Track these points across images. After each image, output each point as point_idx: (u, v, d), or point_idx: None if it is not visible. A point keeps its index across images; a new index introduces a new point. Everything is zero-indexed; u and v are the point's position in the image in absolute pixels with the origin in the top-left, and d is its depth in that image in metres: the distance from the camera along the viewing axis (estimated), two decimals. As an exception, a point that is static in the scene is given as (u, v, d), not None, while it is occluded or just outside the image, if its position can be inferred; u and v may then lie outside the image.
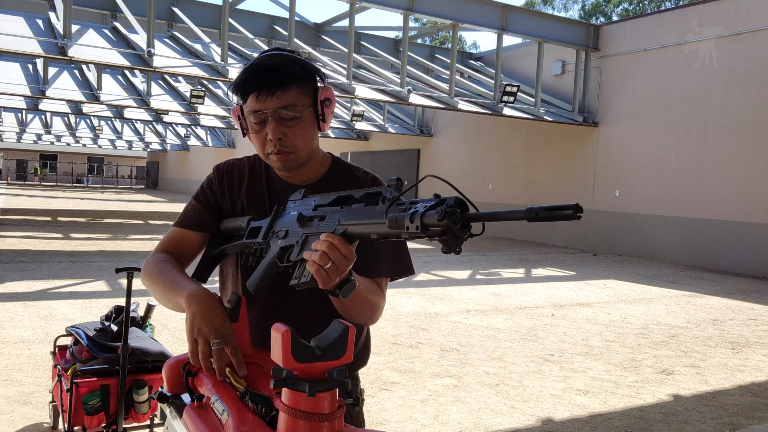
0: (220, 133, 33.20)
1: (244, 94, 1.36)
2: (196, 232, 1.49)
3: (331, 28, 14.78)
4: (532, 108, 13.84)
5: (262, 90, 1.33)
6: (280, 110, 1.33)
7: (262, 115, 1.34)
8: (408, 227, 0.92)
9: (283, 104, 1.33)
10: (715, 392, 4.51)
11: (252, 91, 1.34)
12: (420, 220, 0.90)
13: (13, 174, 50.36)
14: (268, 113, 1.34)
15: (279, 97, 1.33)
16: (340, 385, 0.93)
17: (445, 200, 0.90)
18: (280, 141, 1.35)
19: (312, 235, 1.17)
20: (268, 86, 1.32)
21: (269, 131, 1.35)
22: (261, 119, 1.35)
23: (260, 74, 1.34)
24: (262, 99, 1.33)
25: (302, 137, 1.38)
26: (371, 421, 3.63)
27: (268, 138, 1.36)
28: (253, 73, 1.34)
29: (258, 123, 1.36)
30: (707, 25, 12.30)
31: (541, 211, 0.81)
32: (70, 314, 5.92)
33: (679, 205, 12.60)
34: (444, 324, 6.32)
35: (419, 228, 0.90)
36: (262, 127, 1.36)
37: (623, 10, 36.22)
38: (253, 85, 1.33)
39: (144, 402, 2.94)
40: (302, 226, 1.21)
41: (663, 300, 8.36)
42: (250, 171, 1.52)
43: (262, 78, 1.33)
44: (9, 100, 16.36)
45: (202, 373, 1.26)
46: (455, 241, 0.90)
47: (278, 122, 1.34)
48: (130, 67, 10.99)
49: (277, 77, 1.33)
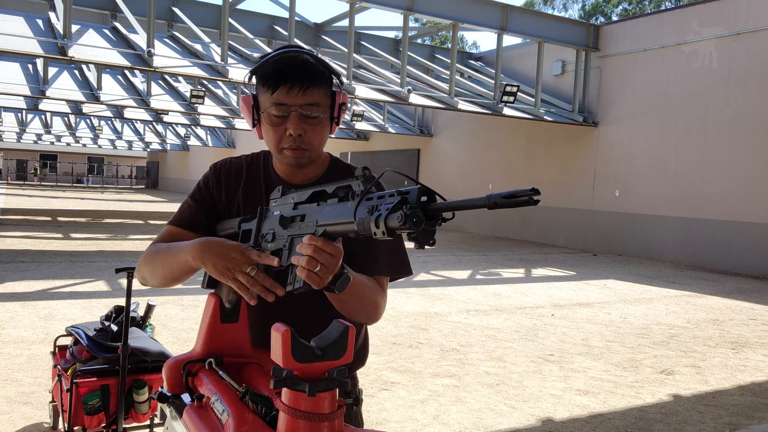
0: (220, 133, 33.19)
1: (272, 85, 1.34)
2: (190, 231, 1.48)
3: (331, 28, 14.78)
4: (532, 108, 13.84)
5: (294, 85, 1.33)
6: (307, 107, 1.34)
7: (288, 109, 1.34)
8: (375, 233, 0.92)
9: (310, 102, 1.34)
10: (715, 392, 4.51)
11: (283, 84, 1.33)
12: (384, 224, 0.90)
13: (13, 174, 50.36)
14: (293, 108, 1.34)
15: (308, 94, 1.34)
16: (340, 385, 0.93)
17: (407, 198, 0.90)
18: (300, 137, 1.36)
19: (296, 236, 1.17)
20: (301, 82, 1.33)
21: (291, 126, 1.35)
22: (284, 113, 1.35)
23: (294, 69, 1.34)
24: (292, 94, 1.33)
25: (319, 136, 1.39)
26: (371, 421, 3.62)
27: (287, 133, 1.36)
28: (286, 66, 1.34)
29: (279, 116, 1.36)
30: (707, 25, 12.30)
31: (499, 199, 0.83)
32: (70, 314, 5.91)
33: (679, 205, 12.60)
34: (444, 324, 6.32)
35: (385, 233, 0.90)
36: (282, 121, 1.36)
37: (623, 10, 36.21)
38: (286, 78, 1.33)
39: (144, 402, 2.94)
40: (285, 228, 1.21)
41: (663, 300, 8.36)
42: (247, 170, 1.52)
43: (295, 73, 1.33)
44: (9, 100, 16.35)
45: (202, 373, 1.26)
46: (425, 236, 0.90)
47: (301, 119, 1.35)
48: (130, 67, 10.99)
49: (309, 75, 1.34)
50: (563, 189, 15.27)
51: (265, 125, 1.39)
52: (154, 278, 1.43)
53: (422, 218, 0.88)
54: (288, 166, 1.44)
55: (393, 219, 0.89)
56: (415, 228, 0.87)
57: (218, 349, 1.29)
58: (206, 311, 1.31)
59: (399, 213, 0.87)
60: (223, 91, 17.84)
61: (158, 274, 1.40)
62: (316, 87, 1.35)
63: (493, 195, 0.83)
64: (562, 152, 15.38)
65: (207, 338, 1.29)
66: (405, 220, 0.86)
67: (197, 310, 6.24)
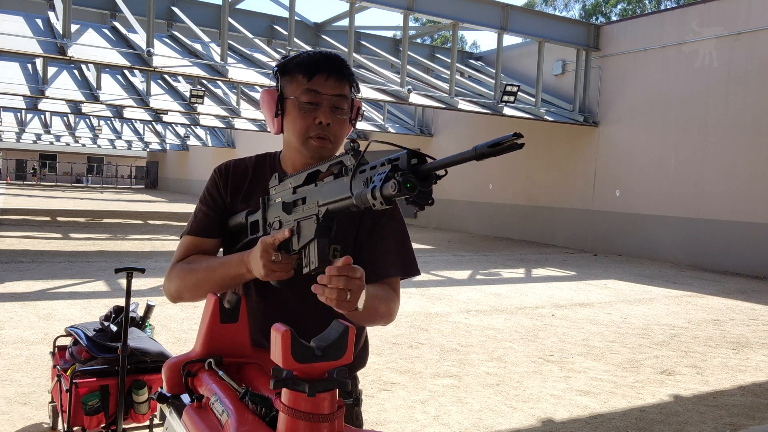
0: (219, 133, 33.19)
1: (309, 71, 1.37)
2: (208, 238, 1.49)
3: (331, 27, 14.77)
4: (532, 108, 13.84)
5: (333, 74, 1.37)
6: (338, 98, 1.38)
7: (320, 97, 1.37)
8: (374, 204, 0.94)
9: (342, 93, 1.38)
10: (716, 392, 4.50)
11: (321, 72, 1.37)
12: (381, 194, 0.92)
13: (13, 174, 50.36)
14: (326, 98, 1.37)
15: (341, 85, 1.38)
16: (340, 386, 0.92)
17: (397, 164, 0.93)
18: (329, 126, 1.38)
19: (302, 219, 1.21)
20: (338, 73, 1.38)
21: (322, 115, 1.37)
22: (316, 101, 1.37)
23: (330, 60, 1.39)
24: (328, 83, 1.37)
25: (343, 130, 1.42)
26: (371, 422, 3.62)
27: (316, 122, 1.37)
28: (323, 57, 1.39)
29: (309, 104, 1.37)
30: (707, 25, 12.30)
31: (485, 149, 0.86)
32: (70, 314, 5.91)
33: (679, 205, 12.60)
34: (444, 324, 6.31)
35: (383, 203, 0.93)
36: (312, 108, 1.38)
37: (622, 9, 36.22)
38: (323, 66, 1.37)
39: (143, 402, 2.94)
40: (289, 213, 1.25)
41: (663, 300, 8.35)
42: (254, 169, 1.52)
43: (333, 64, 1.38)
44: (8, 100, 16.35)
45: (201, 373, 1.26)
46: (422, 198, 0.92)
47: (331, 109, 1.38)
48: (129, 67, 10.99)
49: (344, 69, 1.39)
50: (563, 189, 15.27)
51: (291, 114, 1.39)
52: (193, 297, 1.43)
53: (415, 182, 0.90)
54: (310, 157, 1.42)
55: (387, 188, 0.91)
56: (410, 193, 0.90)
57: (218, 349, 1.29)
58: (206, 311, 1.31)
59: (392, 181, 0.89)
60: (222, 91, 17.84)
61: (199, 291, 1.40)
62: (347, 83, 1.40)
63: (479, 146, 0.86)
64: (563, 152, 15.38)
65: (207, 338, 1.29)
66: (399, 187, 0.89)
67: (197, 311, 6.23)
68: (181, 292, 1.45)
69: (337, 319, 1.00)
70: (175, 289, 1.45)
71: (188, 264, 1.44)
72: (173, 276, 1.45)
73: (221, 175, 1.52)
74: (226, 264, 1.37)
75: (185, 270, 1.43)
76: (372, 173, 0.98)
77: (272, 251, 1.24)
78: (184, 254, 1.48)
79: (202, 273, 1.40)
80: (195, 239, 1.48)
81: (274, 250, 1.24)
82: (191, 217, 1.52)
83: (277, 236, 1.23)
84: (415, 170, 0.92)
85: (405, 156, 0.92)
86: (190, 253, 1.48)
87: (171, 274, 1.46)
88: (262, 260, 1.24)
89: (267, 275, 1.26)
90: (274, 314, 1.43)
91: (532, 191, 16.11)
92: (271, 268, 1.24)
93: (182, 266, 1.44)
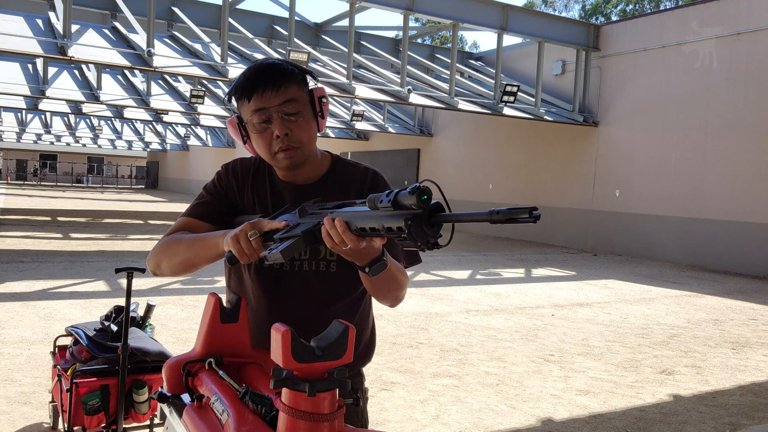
0: (220, 133, 33.17)
1: (247, 94, 1.38)
2: (205, 222, 1.50)
3: (331, 27, 14.77)
4: (532, 108, 13.84)
5: (266, 87, 1.37)
6: (285, 105, 1.37)
7: (267, 112, 1.37)
8: (381, 200, 0.96)
9: (286, 98, 1.37)
10: (716, 392, 4.50)
11: (256, 89, 1.37)
12: (394, 195, 0.94)
13: (13, 174, 50.35)
14: (273, 110, 1.37)
15: (282, 92, 1.37)
16: (340, 386, 0.93)
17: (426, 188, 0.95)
18: (287, 136, 1.39)
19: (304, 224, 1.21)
20: (272, 82, 1.37)
21: (276, 128, 1.38)
22: (265, 117, 1.38)
23: (261, 73, 1.38)
24: (266, 96, 1.37)
25: (306, 132, 1.42)
26: (371, 422, 3.61)
27: (274, 135, 1.39)
28: (255, 73, 1.38)
29: (262, 122, 1.39)
30: (707, 25, 12.30)
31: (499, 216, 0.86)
32: (70, 314, 5.91)
33: (679, 205, 12.60)
34: (444, 324, 6.32)
35: (390, 201, 0.94)
36: (266, 126, 1.39)
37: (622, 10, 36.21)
38: (256, 83, 1.37)
39: (144, 402, 2.94)
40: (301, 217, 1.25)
41: (663, 300, 8.36)
42: (255, 171, 1.55)
43: (264, 77, 1.37)
44: (9, 100, 16.35)
45: (202, 373, 1.26)
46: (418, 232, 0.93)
47: (283, 119, 1.38)
48: (130, 67, 10.98)
49: (278, 74, 1.38)
50: (563, 189, 15.27)
51: (253, 137, 1.42)
52: (170, 265, 1.44)
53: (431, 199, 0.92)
54: (285, 169, 1.46)
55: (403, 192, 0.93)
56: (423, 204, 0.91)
57: (218, 349, 1.29)
58: (206, 311, 1.31)
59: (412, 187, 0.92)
60: (223, 91, 17.81)
61: (177, 259, 1.42)
62: (289, 84, 1.39)
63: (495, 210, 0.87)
64: (562, 152, 15.38)
65: (207, 338, 1.29)
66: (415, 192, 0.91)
67: (197, 310, 6.24)
68: (159, 261, 1.46)
69: (337, 319, 1.00)
70: (156, 260, 1.47)
71: (173, 236, 1.46)
72: (156, 248, 1.47)
73: (227, 172, 1.55)
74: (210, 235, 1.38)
75: (169, 240, 1.45)
76: None
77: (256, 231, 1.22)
78: (176, 231, 1.50)
79: (184, 243, 1.41)
80: (191, 220, 1.51)
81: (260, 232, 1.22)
82: (193, 201, 1.55)
83: (273, 223, 1.23)
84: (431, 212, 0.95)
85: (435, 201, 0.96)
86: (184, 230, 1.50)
87: (155, 247, 1.48)
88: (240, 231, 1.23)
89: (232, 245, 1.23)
90: (275, 314, 1.44)
91: (532, 191, 16.11)
92: (238, 239, 1.22)
93: (167, 238, 1.47)
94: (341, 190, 1.50)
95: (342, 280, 1.48)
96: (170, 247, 1.44)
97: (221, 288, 1.65)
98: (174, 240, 1.44)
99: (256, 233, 1.22)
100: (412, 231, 0.93)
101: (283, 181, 1.51)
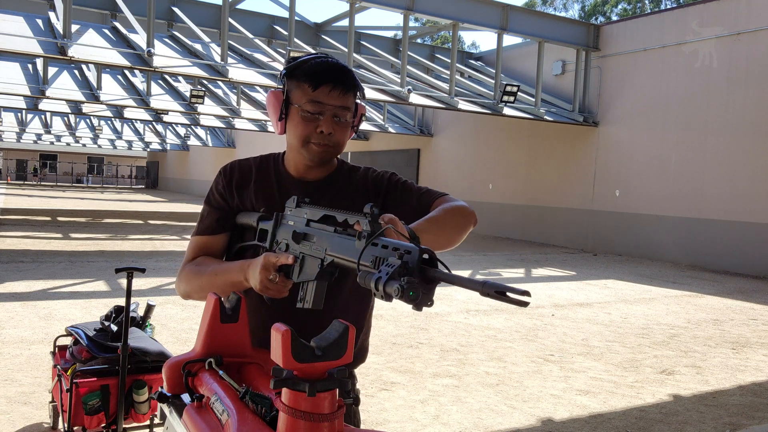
0: (220, 133, 33.19)
1: (315, 81, 1.40)
2: (216, 235, 1.55)
3: (331, 27, 14.78)
4: (532, 108, 13.84)
5: (337, 86, 1.41)
6: (341, 109, 1.42)
7: (323, 107, 1.41)
8: (375, 293, 0.94)
9: (345, 105, 1.43)
10: (716, 392, 4.50)
11: (328, 83, 1.40)
12: (383, 289, 0.92)
13: (13, 174, 50.36)
14: (328, 108, 1.41)
15: (345, 98, 1.42)
16: (340, 385, 0.93)
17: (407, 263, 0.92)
18: (330, 136, 1.43)
19: (307, 255, 1.25)
20: (342, 85, 1.41)
21: (324, 125, 1.42)
22: (319, 111, 1.41)
23: (337, 71, 1.42)
24: (333, 94, 1.41)
25: (344, 136, 1.47)
26: (371, 421, 3.62)
27: (318, 130, 1.42)
28: (330, 68, 1.42)
29: (313, 113, 1.42)
30: (707, 25, 12.30)
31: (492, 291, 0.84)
32: (70, 314, 5.91)
33: (679, 205, 12.60)
34: (444, 324, 6.32)
35: (383, 297, 0.93)
36: (314, 117, 1.42)
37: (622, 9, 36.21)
38: (329, 77, 1.40)
39: (144, 402, 2.94)
40: (297, 243, 1.29)
41: (663, 300, 8.36)
42: (257, 169, 1.56)
43: (339, 75, 1.41)
44: (9, 100, 16.36)
45: (202, 373, 1.26)
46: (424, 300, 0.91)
47: (333, 119, 1.42)
48: (130, 67, 10.99)
49: (349, 80, 1.43)
50: (563, 189, 15.27)
51: (294, 119, 1.44)
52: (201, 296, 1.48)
53: (418, 291, 0.89)
54: (310, 161, 1.49)
55: (391, 287, 0.90)
56: (411, 301, 0.90)
57: (218, 349, 1.29)
58: (206, 311, 1.31)
59: (397, 286, 0.89)
60: (223, 91, 17.83)
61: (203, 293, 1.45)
62: (351, 93, 1.44)
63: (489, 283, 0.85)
64: (563, 152, 15.38)
65: (207, 338, 1.29)
66: (401, 293, 0.88)
67: (197, 310, 6.24)
68: (189, 293, 1.53)
69: (336, 319, 1.00)
70: (184, 290, 1.54)
71: (196, 266, 1.51)
72: (182, 277, 1.53)
73: (226, 175, 1.57)
74: (227, 270, 1.43)
75: (192, 272, 1.51)
76: (383, 254, 0.99)
77: (272, 270, 1.29)
78: (194, 255, 1.55)
79: (206, 277, 1.47)
80: (203, 238, 1.55)
81: (274, 269, 1.29)
82: (198, 218, 1.58)
83: (280, 258, 1.27)
84: (423, 271, 0.92)
85: (416, 253, 0.92)
86: (199, 253, 1.55)
87: (181, 275, 1.54)
88: (260, 276, 1.29)
89: (262, 290, 1.31)
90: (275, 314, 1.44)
91: (532, 191, 16.12)
92: (267, 285, 1.30)
93: (190, 268, 1.52)
94: (347, 189, 1.54)
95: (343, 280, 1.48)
96: (194, 279, 1.50)
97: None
98: (194, 273, 1.50)
99: (275, 276, 1.29)
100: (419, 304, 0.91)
101: (292, 177, 1.53)
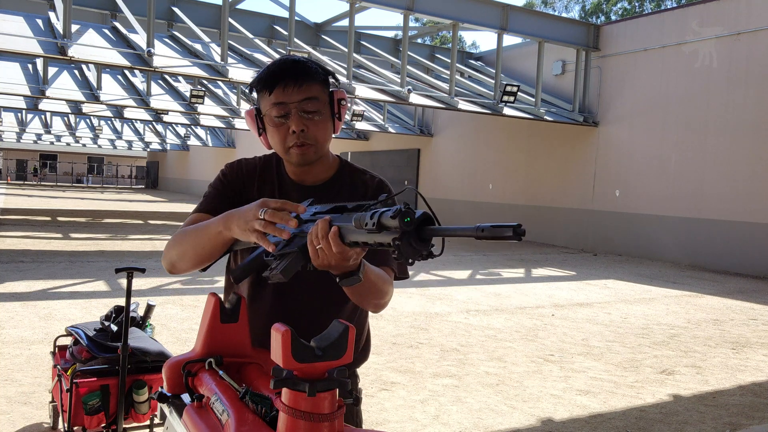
0: (220, 133, 33.19)
1: (269, 86, 1.39)
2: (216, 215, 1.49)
3: (331, 27, 14.78)
4: (532, 108, 13.84)
5: (288, 82, 1.38)
6: (305, 102, 1.39)
7: (287, 107, 1.39)
8: (366, 223, 0.95)
9: (308, 96, 1.39)
10: (716, 392, 4.50)
11: (279, 83, 1.38)
12: (378, 217, 0.93)
13: (13, 174, 50.36)
14: (292, 105, 1.39)
15: (304, 89, 1.39)
16: (340, 385, 0.93)
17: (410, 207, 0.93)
18: (303, 133, 1.40)
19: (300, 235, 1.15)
20: (295, 78, 1.38)
21: (293, 123, 1.39)
22: (284, 112, 1.39)
23: (286, 68, 1.40)
24: (288, 91, 1.38)
25: (322, 132, 1.43)
26: (371, 421, 3.62)
27: (290, 131, 1.40)
28: (279, 67, 1.40)
29: (280, 116, 1.40)
30: (707, 25, 12.30)
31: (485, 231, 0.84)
32: (70, 314, 5.91)
33: (680, 205, 12.60)
34: (444, 324, 6.32)
35: (375, 225, 0.93)
36: (283, 120, 1.40)
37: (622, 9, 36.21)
38: (279, 77, 1.39)
39: (144, 402, 2.94)
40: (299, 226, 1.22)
41: (663, 300, 8.36)
42: (261, 170, 1.55)
43: (288, 71, 1.39)
44: (9, 100, 16.36)
45: (202, 373, 1.26)
46: (408, 249, 0.91)
47: (301, 115, 1.39)
48: (130, 67, 10.99)
49: (303, 71, 1.40)
50: (563, 189, 15.27)
51: (269, 129, 1.44)
52: (183, 260, 1.41)
53: (414, 221, 0.89)
54: (296, 165, 1.47)
55: (387, 214, 0.91)
56: (405, 227, 0.89)
57: (218, 349, 1.29)
58: (206, 311, 1.31)
59: (395, 209, 0.90)
60: (223, 91, 17.84)
61: (189, 253, 1.39)
62: (312, 82, 1.40)
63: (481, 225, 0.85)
64: (562, 152, 15.38)
65: (207, 338, 1.29)
66: (398, 215, 0.89)
67: (197, 310, 6.24)
68: (171, 259, 1.43)
69: (337, 318, 1.00)
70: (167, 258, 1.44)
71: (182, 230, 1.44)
72: (169, 244, 1.45)
73: (232, 170, 1.55)
74: (204, 226, 1.35)
75: (180, 235, 1.43)
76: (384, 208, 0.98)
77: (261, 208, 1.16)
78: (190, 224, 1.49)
79: (189, 237, 1.38)
80: (202, 215, 1.49)
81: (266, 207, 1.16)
82: (202, 198, 1.53)
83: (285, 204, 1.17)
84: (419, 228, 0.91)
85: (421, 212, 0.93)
86: None
87: (169, 243, 1.46)
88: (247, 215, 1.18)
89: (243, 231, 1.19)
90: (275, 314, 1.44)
91: (532, 191, 16.11)
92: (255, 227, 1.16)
93: (178, 233, 1.45)
94: (348, 193, 1.51)
95: None
96: (179, 243, 1.41)
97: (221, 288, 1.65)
98: (181, 235, 1.42)
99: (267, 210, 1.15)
100: (401, 250, 0.91)
101: (293, 181, 1.52)
